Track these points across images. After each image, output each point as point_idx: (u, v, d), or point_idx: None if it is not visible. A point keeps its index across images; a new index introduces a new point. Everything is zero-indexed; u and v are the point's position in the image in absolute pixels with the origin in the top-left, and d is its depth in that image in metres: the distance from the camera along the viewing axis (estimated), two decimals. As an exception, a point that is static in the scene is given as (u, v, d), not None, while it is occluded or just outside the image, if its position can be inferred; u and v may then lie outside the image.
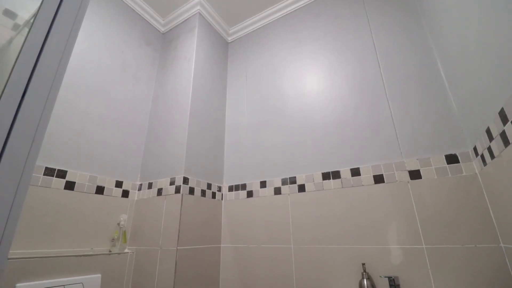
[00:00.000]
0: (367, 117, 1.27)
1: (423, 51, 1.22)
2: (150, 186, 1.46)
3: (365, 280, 1.02)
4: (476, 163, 0.98)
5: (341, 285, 1.10)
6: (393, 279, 0.95)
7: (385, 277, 0.98)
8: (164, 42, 1.92)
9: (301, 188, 1.34)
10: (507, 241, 0.85)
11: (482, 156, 0.90)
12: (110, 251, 1.27)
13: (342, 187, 1.22)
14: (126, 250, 1.34)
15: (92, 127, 1.35)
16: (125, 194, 1.44)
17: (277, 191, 1.41)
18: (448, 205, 0.99)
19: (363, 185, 1.18)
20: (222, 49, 1.98)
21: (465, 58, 0.90)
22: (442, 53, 1.11)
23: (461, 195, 0.98)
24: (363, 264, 1.06)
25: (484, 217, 0.93)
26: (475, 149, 0.97)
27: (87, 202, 1.26)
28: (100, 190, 1.32)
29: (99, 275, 1.17)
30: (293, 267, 1.23)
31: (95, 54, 1.46)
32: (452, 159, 1.04)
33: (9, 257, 0.92)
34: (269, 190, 1.43)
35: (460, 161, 1.02)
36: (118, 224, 1.35)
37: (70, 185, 1.21)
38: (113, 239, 1.32)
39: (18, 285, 0.93)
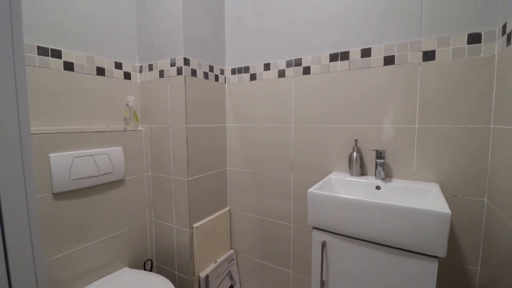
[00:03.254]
0: (393, -16, 1.07)
1: None
2: (151, 68, 1.42)
3: (354, 153, 1.15)
4: (498, 43, 0.91)
5: (333, 158, 1.26)
6: (380, 152, 1.07)
7: (374, 150, 1.11)
8: None
9: (306, 70, 1.30)
10: (498, 122, 0.90)
11: (509, 35, 0.83)
12: (125, 128, 1.39)
13: (349, 69, 1.19)
14: (139, 128, 1.46)
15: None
16: (127, 76, 1.42)
17: (281, 73, 1.38)
18: (452, 88, 0.99)
19: (371, 67, 1.14)
20: None
21: None
22: None
23: (470, 78, 0.96)
24: (356, 140, 1.17)
25: (484, 100, 0.95)
26: (504, 27, 0.87)
27: (91, 83, 1.26)
28: (101, 71, 1.30)
29: (120, 147, 1.33)
30: (292, 142, 1.38)
31: None
32: (474, 38, 0.95)
33: (33, 132, 1.02)
34: (273, 72, 1.40)
35: (482, 41, 0.94)
36: (127, 105, 1.40)
37: (69, 66, 1.18)
38: (125, 118, 1.41)
39: (50, 154, 1.08)
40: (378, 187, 1.07)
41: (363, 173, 1.19)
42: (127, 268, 1.36)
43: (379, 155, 1.08)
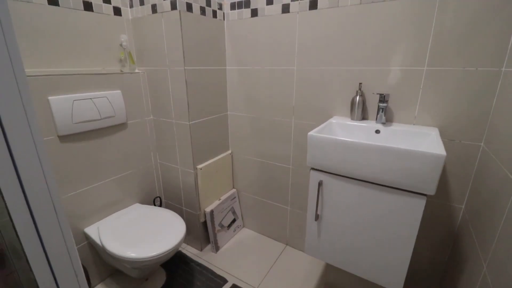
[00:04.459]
0: None
1: None
2: (142, 2, 1.29)
3: (358, 96, 1.13)
4: (533, -31, 0.80)
5: (336, 102, 1.24)
6: (384, 96, 1.05)
7: (377, 93, 1.08)
8: None
9: (313, 4, 1.18)
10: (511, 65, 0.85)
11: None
12: (121, 71, 1.34)
13: (360, 3, 1.07)
14: (136, 70, 1.41)
15: None
16: (117, 12, 1.31)
17: (285, 8, 1.25)
18: (470, 25, 0.91)
19: (385, 1, 1.02)
20: None
21: None
22: None
23: (491, 14, 0.87)
24: (360, 83, 1.13)
25: (501, 40, 0.88)
26: None
27: (79, 20, 1.17)
28: (88, 6, 1.19)
29: (119, 91, 1.30)
30: (294, 86, 1.34)
31: None
32: (507, -37, 0.83)
33: (29, 74, 0.99)
34: (276, 7, 1.28)
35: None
36: (121, 45, 1.32)
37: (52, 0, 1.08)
38: (120, 60, 1.35)
39: (50, 97, 1.07)
40: (377, 131, 1.08)
41: (364, 117, 1.18)
42: (138, 204, 1.49)
43: (382, 99, 1.06)
